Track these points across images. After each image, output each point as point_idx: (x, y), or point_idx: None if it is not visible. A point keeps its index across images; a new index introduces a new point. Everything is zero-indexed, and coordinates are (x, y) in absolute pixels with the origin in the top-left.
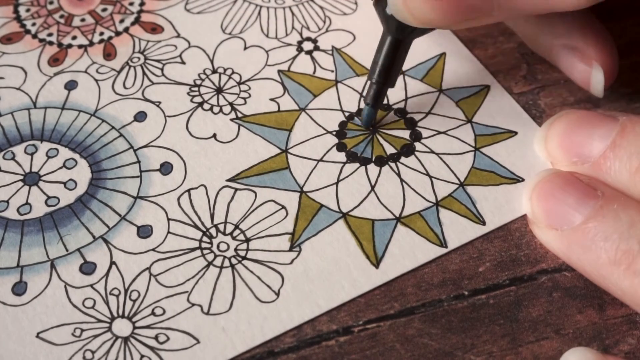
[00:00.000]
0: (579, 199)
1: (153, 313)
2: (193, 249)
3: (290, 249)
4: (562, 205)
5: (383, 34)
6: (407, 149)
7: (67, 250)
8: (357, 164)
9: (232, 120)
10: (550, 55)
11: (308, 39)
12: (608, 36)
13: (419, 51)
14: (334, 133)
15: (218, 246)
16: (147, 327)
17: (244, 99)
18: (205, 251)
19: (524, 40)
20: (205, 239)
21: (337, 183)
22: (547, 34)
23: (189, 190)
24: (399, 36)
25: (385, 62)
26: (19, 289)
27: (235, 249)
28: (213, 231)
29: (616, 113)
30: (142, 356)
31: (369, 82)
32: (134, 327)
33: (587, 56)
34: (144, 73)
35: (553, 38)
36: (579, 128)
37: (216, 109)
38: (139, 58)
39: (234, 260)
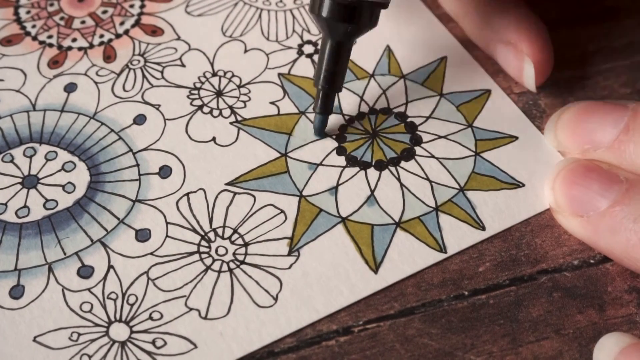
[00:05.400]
0: (603, 184)
1: (150, 317)
2: (191, 253)
3: (289, 254)
4: (587, 191)
5: (323, 39)
6: (407, 153)
7: (65, 253)
8: (357, 168)
9: (231, 123)
10: (489, 49)
11: (309, 42)
12: (541, 31)
13: (420, 55)
14: (334, 137)
15: (216, 250)
16: (145, 331)
17: (244, 102)
18: (203, 255)
19: (467, 34)
20: (203, 243)
21: (336, 187)
22: (486, 29)
23: (187, 194)
24: (339, 39)
25: (329, 66)
26: (16, 292)
27: (234, 253)
28: (212, 235)
29: (625, 101)
30: None
31: (316, 90)
32: (131, 332)
33: (520, 51)
34: (143, 76)
35: (492, 33)
36: (590, 115)
37: (216, 112)
38: (138, 61)
39: (232, 265)
